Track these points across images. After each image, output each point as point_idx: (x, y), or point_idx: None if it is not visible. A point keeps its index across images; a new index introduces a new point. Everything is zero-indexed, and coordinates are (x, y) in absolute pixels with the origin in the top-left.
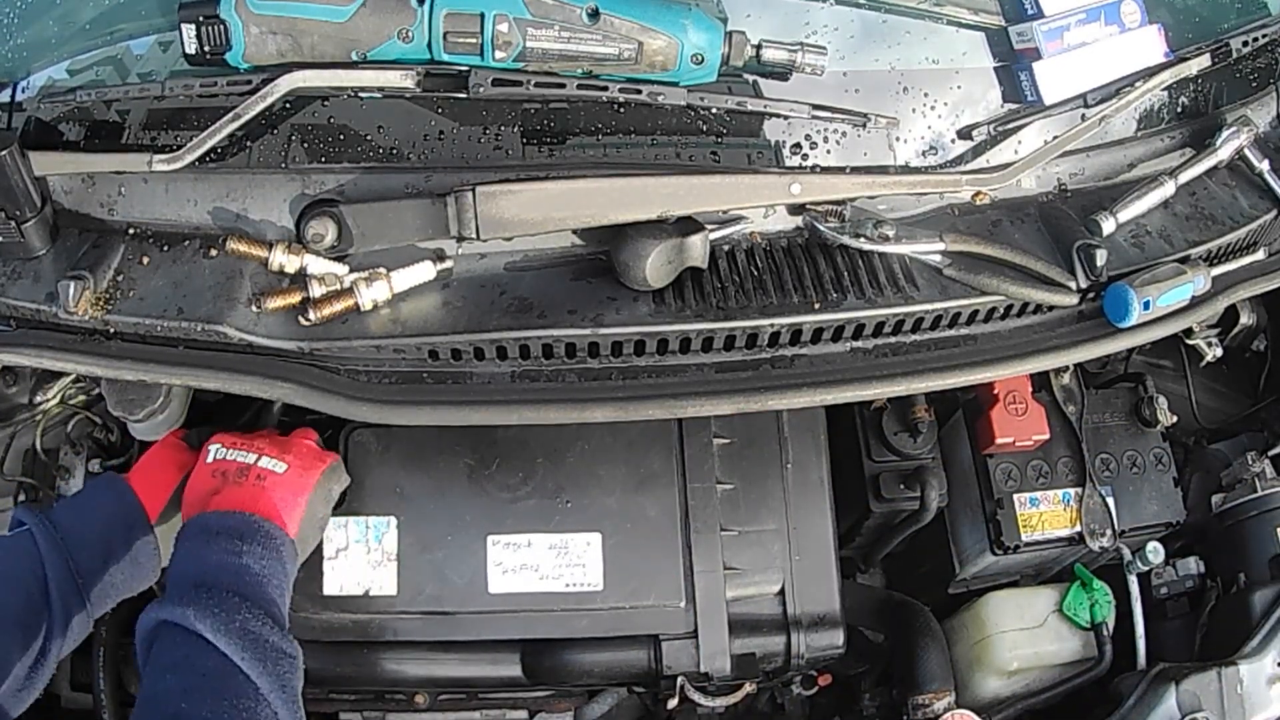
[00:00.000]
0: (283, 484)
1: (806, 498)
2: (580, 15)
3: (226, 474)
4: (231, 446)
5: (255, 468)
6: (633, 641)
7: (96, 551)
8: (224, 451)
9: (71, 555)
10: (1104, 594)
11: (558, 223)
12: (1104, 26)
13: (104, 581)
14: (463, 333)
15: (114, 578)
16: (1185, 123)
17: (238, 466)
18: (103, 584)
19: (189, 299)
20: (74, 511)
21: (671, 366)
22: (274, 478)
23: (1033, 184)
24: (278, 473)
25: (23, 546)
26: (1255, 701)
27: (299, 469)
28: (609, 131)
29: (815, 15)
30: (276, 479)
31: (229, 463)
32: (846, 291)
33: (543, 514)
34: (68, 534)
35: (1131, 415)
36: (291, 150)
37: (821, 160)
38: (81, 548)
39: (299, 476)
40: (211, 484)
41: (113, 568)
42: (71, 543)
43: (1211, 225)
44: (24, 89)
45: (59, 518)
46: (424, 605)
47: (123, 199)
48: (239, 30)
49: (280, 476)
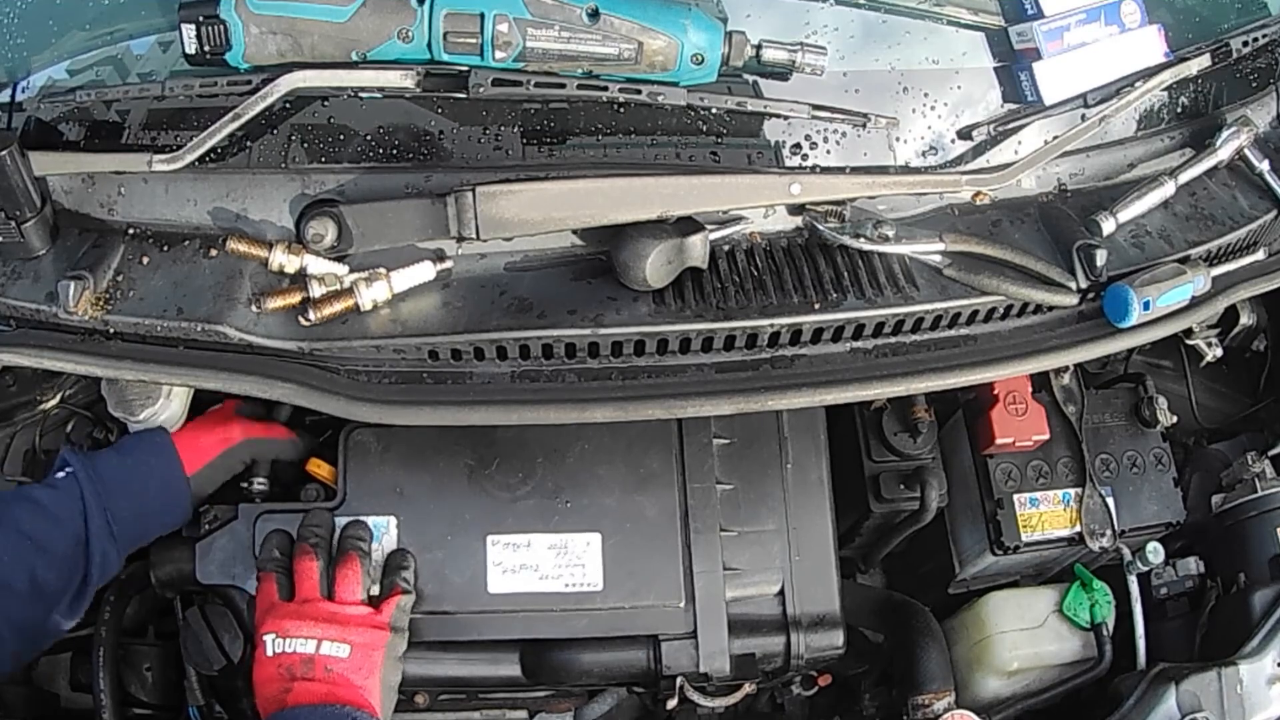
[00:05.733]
0: (352, 669)
1: (806, 498)
2: (580, 15)
3: (293, 670)
4: (285, 634)
5: (319, 658)
6: (632, 641)
7: (134, 504)
8: (281, 643)
9: (109, 505)
10: (1104, 594)
11: (558, 223)
12: (1104, 26)
13: (137, 528)
14: (463, 333)
15: (147, 523)
16: (1185, 123)
17: (301, 659)
18: (136, 530)
19: (189, 299)
20: (117, 465)
21: (671, 366)
22: (341, 664)
23: (1033, 184)
24: (343, 658)
25: (69, 492)
26: (1255, 701)
27: (363, 649)
28: (609, 131)
29: (815, 15)
30: (344, 665)
31: (291, 656)
32: (846, 291)
33: (542, 514)
34: (110, 486)
35: (1131, 415)
36: (291, 150)
37: (821, 160)
38: (121, 498)
39: (366, 658)
40: (281, 683)
41: (147, 517)
42: (112, 493)
43: (1211, 225)
44: (24, 89)
45: (103, 469)
46: (424, 605)
47: (123, 199)
48: (239, 30)
49: (347, 662)
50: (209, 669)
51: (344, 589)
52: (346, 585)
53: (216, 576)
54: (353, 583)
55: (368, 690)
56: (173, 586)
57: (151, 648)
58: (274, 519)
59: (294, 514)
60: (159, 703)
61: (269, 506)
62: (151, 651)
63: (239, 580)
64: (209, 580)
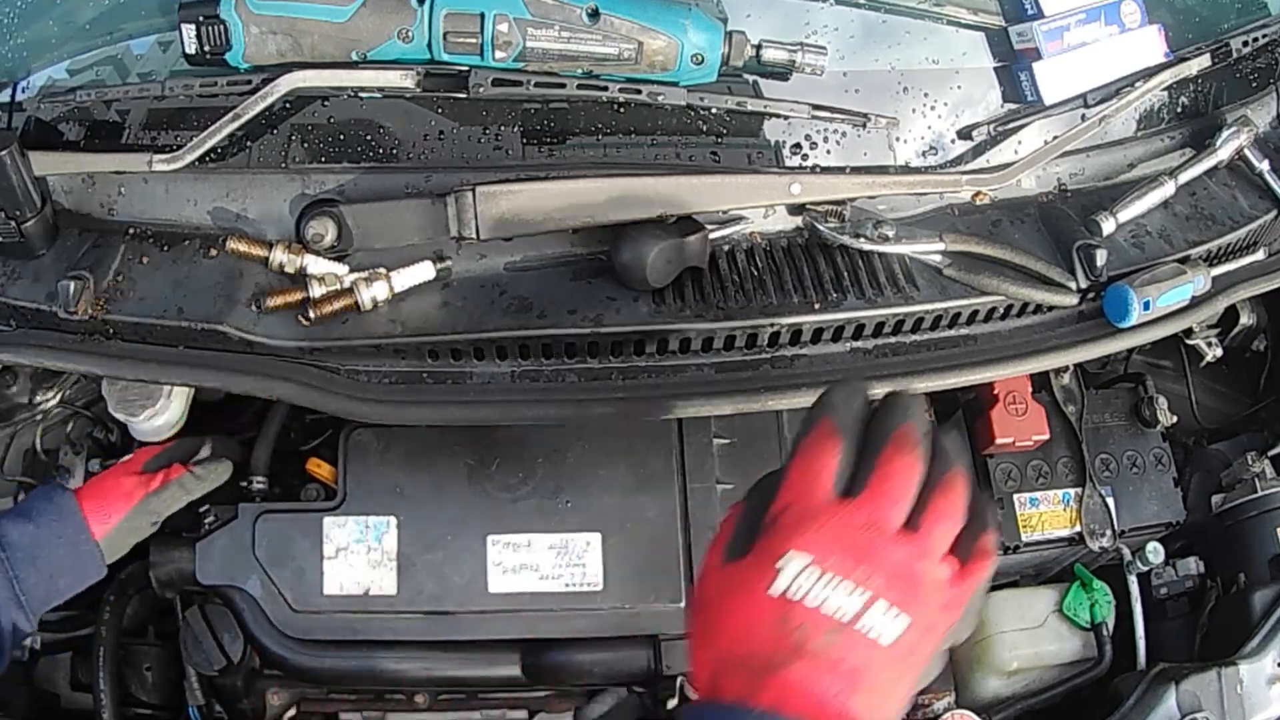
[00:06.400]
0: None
1: None
2: (580, 15)
3: (806, 635)
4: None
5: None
6: (632, 641)
7: (42, 572)
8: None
9: (17, 574)
10: (1104, 594)
11: (558, 223)
12: (1104, 26)
13: (46, 594)
14: (463, 332)
15: (56, 587)
16: (1185, 123)
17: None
18: (45, 596)
19: (189, 299)
20: (22, 532)
21: (671, 366)
22: (880, 654)
23: (1033, 184)
24: (884, 645)
25: None
26: (1255, 701)
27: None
28: (609, 131)
29: (815, 15)
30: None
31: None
32: (846, 291)
33: (543, 514)
34: (15, 555)
35: (1131, 415)
36: (291, 150)
37: (821, 160)
38: (28, 567)
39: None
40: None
41: (57, 582)
42: (18, 562)
43: (1211, 225)
44: (24, 89)
45: (8, 536)
46: (424, 605)
47: (123, 199)
48: (239, 30)
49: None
50: (209, 669)
51: (938, 527)
52: (943, 522)
53: (216, 576)
54: (951, 520)
55: (897, 699)
56: (173, 586)
57: (151, 648)
58: (274, 519)
59: (294, 514)
60: (159, 703)
61: (269, 506)
62: (151, 651)
63: (239, 580)
64: (209, 580)
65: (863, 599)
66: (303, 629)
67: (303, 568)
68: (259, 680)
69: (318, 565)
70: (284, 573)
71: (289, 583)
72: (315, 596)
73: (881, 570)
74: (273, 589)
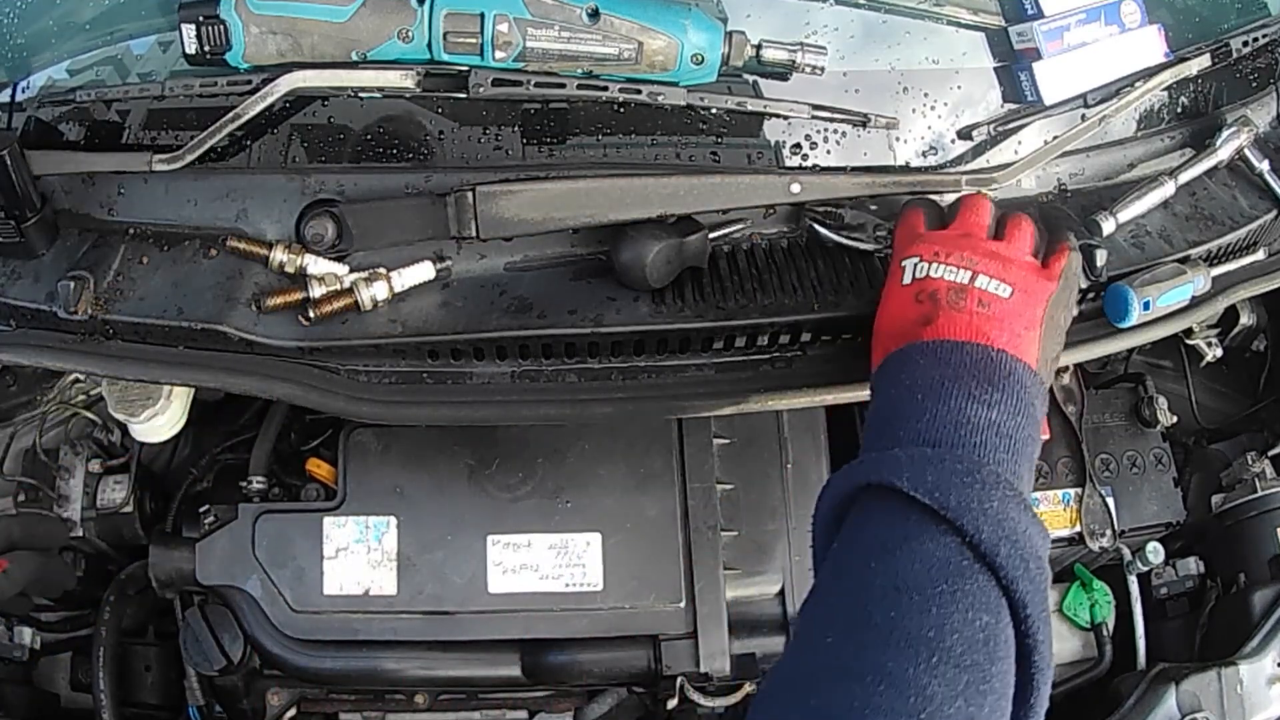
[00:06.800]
0: (1012, 312)
1: (806, 498)
2: (580, 15)
3: (936, 297)
4: (934, 259)
5: (973, 289)
6: (632, 641)
7: None
8: (925, 267)
9: None
10: (1104, 594)
11: (558, 223)
12: (1104, 26)
13: None
14: (463, 332)
15: None
16: (1185, 123)
17: (949, 287)
18: None
19: (189, 299)
20: None
21: (671, 366)
22: (999, 304)
23: (1033, 184)
24: (1003, 298)
25: None
26: (1255, 701)
27: (1025, 294)
28: (609, 131)
29: (815, 15)
30: (1003, 305)
31: (938, 281)
32: (846, 292)
33: (543, 514)
34: None
35: (1131, 415)
36: (291, 150)
37: (821, 160)
38: None
39: (1028, 304)
40: (920, 311)
41: None
42: None
43: (1211, 225)
44: (24, 89)
45: None
46: (424, 605)
47: (123, 199)
48: (239, 30)
49: (1007, 303)
50: (209, 669)
51: (1015, 235)
52: (1019, 233)
53: (216, 576)
54: (1026, 234)
55: (1026, 341)
56: (173, 586)
57: (151, 648)
58: (274, 519)
59: (294, 514)
60: (159, 703)
61: (269, 506)
62: (151, 651)
63: (239, 580)
64: (209, 580)
65: (969, 272)
66: (303, 629)
67: (303, 568)
68: (259, 680)
69: (318, 565)
70: (284, 573)
71: (289, 583)
72: (315, 596)
73: (977, 255)
74: (273, 589)
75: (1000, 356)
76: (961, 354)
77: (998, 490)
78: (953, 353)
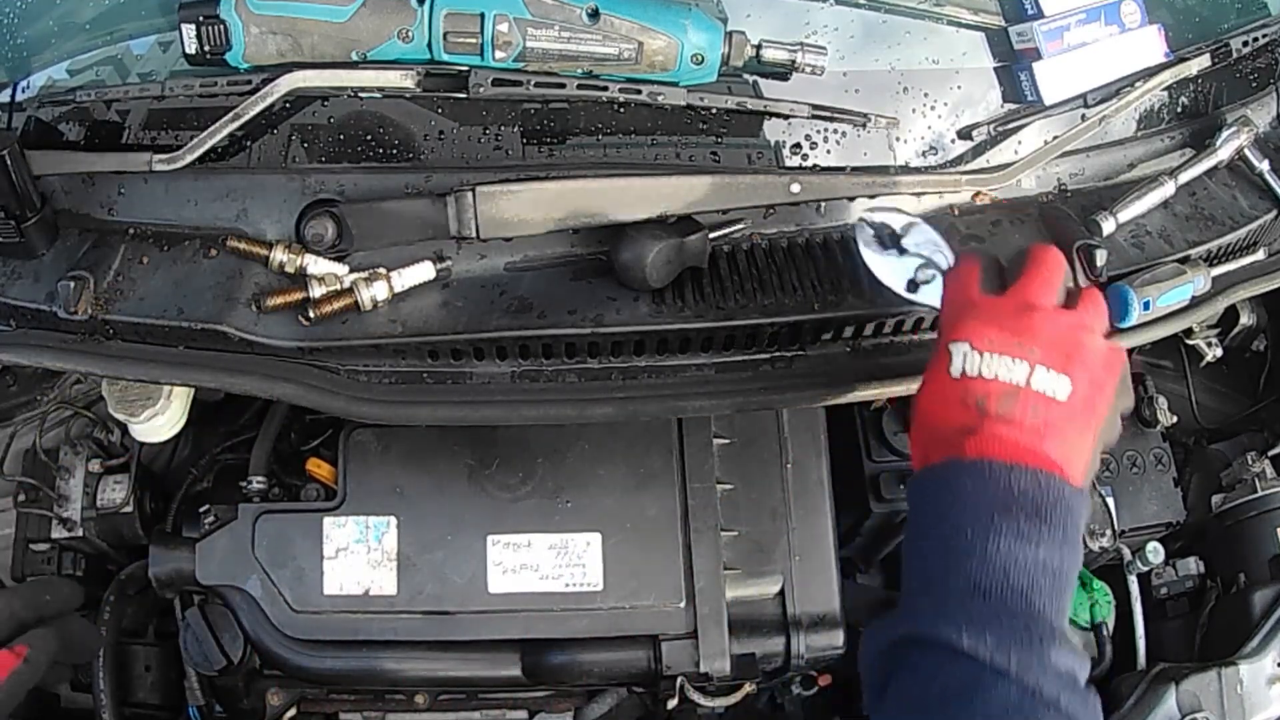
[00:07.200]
0: (1067, 417)
1: (806, 498)
2: (580, 15)
3: (985, 406)
4: (987, 349)
5: (1028, 392)
6: (632, 641)
7: None
8: (977, 360)
9: None
10: (1104, 594)
11: (558, 223)
12: (1104, 26)
13: None
14: (463, 332)
15: None
16: (1185, 123)
17: (1002, 390)
18: None
19: (189, 299)
20: None
21: (671, 366)
22: (1055, 410)
23: (1033, 184)
24: (1060, 401)
25: None
26: (1255, 701)
27: (1090, 387)
28: (609, 131)
29: (815, 15)
30: (1059, 411)
31: (989, 384)
32: (846, 292)
33: (543, 514)
34: None
35: (1131, 415)
36: (291, 150)
37: (821, 160)
38: None
39: (1087, 404)
40: (963, 415)
41: None
42: None
43: (1211, 225)
44: (24, 89)
45: None
46: (424, 605)
47: (123, 199)
48: (239, 30)
49: (1063, 407)
50: (209, 669)
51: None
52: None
53: (216, 576)
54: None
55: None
56: (173, 586)
57: (151, 648)
58: (274, 519)
59: (294, 514)
60: (159, 703)
61: (269, 506)
62: (151, 651)
63: (239, 580)
64: (209, 580)
65: (1025, 366)
66: (303, 629)
67: (303, 568)
68: (259, 680)
69: (318, 565)
70: (284, 573)
71: (289, 583)
72: (315, 596)
73: (1037, 341)
74: (273, 589)
75: (1049, 482)
76: (1010, 480)
77: (1054, 644)
78: (1001, 478)
